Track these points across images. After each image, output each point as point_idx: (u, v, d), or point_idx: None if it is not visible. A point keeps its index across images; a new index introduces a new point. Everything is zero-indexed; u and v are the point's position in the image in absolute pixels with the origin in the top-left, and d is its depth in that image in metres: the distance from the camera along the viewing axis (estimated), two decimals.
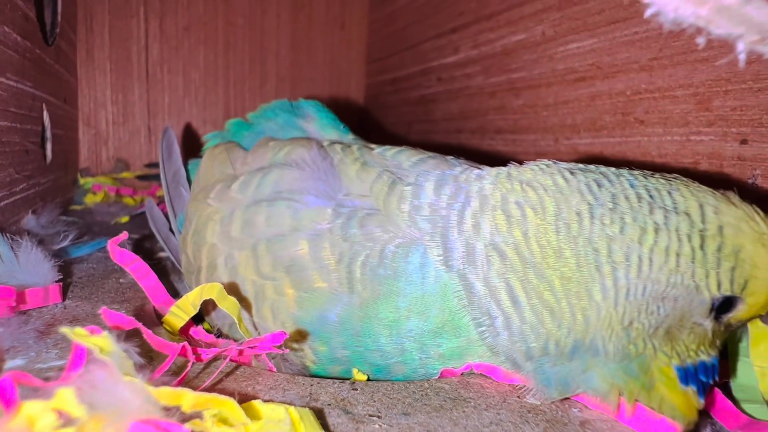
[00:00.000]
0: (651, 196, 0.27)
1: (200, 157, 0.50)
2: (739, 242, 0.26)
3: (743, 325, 0.31)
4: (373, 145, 0.40)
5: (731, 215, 0.26)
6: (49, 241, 0.51)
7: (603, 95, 0.55)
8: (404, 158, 0.36)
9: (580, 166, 0.30)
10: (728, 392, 0.31)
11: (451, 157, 0.37)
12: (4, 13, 0.49)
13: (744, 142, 0.42)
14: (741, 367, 0.31)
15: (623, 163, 0.36)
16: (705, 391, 0.27)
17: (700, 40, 0.20)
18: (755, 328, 0.31)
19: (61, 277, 0.40)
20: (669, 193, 0.27)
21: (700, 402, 0.27)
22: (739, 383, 0.31)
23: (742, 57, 0.21)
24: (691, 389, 0.27)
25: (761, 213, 0.27)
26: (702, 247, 0.26)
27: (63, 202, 0.74)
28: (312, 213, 0.34)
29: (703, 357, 0.27)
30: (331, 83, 1.11)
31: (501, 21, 0.70)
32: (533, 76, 0.65)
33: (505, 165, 0.33)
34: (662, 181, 0.28)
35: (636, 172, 0.29)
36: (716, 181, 0.44)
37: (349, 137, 0.47)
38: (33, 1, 0.60)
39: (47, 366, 0.29)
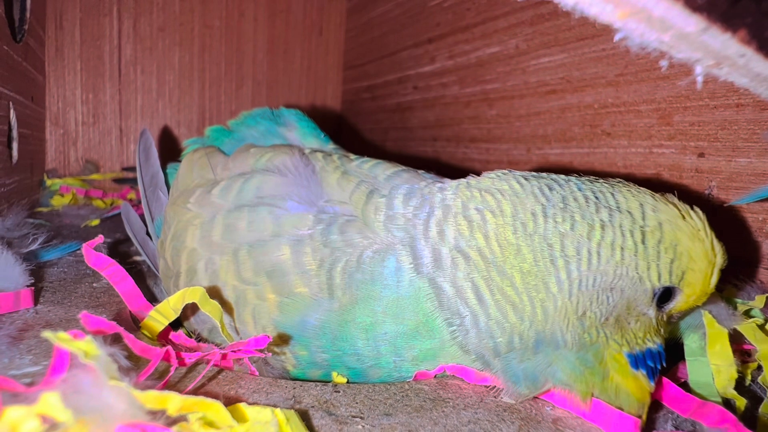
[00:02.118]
0: (597, 197, 0.30)
1: (179, 161, 0.50)
2: (677, 237, 0.28)
3: (684, 316, 0.33)
4: (352, 156, 0.41)
5: (669, 213, 0.29)
6: (16, 244, 0.49)
7: (572, 108, 0.57)
8: (380, 171, 0.38)
9: (533, 173, 0.33)
10: (687, 390, 0.33)
11: (423, 171, 0.39)
12: None
13: (701, 155, 0.45)
14: (698, 366, 0.33)
15: (591, 172, 0.38)
16: (654, 376, 0.30)
17: (663, 63, 0.22)
18: (711, 328, 0.33)
19: (33, 281, 0.39)
20: (612, 194, 0.30)
21: (651, 385, 0.29)
22: (696, 381, 0.33)
23: (699, 79, 0.23)
24: (641, 373, 0.29)
25: (698, 211, 0.30)
26: (643, 241, 0.28)
27: (29, 204, 0.72)
28: (294, 219, 0.35)
29: (650, 344, 0.30)
30: (308, 88, 1.11)
31: (476, 33, 0.72)
32: (507, 88, 0.67)
33: (478, 174, 0.35)
34: (606, 184, 0.31)
35: (583, 178, 0.32)
36: (676, 192, 0.47)
37: (330, 146, 0.48)
38: None
39: (21, 372, 0.28)
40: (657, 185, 0.48)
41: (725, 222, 0.43)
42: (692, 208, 0.30)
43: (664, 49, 0.22)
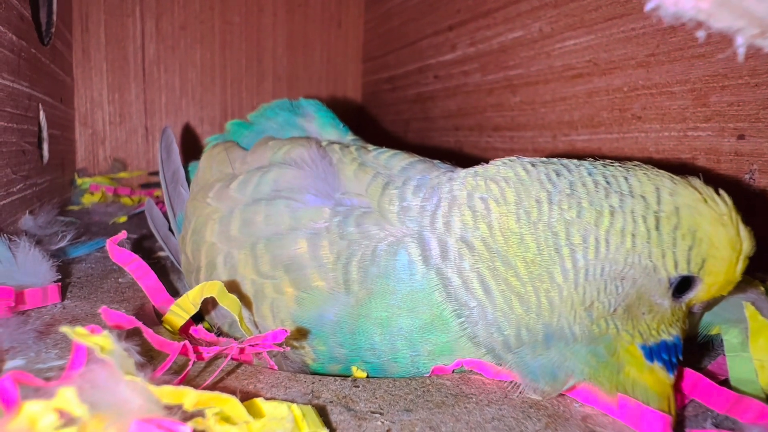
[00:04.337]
0: (608, 182, 0.28)
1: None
2: (696, 222, 0.26)
3: (707, 307, 0.31)
4: (370, 147, 0.40)
5: (688, 197, 0.27)
6: (46, 241, 0.51)
7: (600, 92, 0.55)
8: (396, 162, 0.37)
9: (543, 159, 0.31)
10: (729, 389, 0.31)
11: (438, 161, 0.38)
12: None
13: (741, 137, 0.42)
14: (739, 362, 0.31)
15: (621, 158, 0.36)
16: (672, 369, 0.28)
17: (701, 34, 0.20)
18: (754, 321, 0.31)
19: (60, 277, 0.40)
20: (625, 178, 0.28)
21: (670, 377, 0.27)
22: (737, 378, 0.31)
23: (741, 51, 0.21)
24: (657, 365, 0.27)
25: (724, 195, 0.28)
26: (657, 227, 0.26)
27: (60, 203, 0.74)
28: (310, 212, 0.34)
29: (665, 336, 0.28)
30: (328, 81, 1.11)
31: (498, 18, 0.70)
32: (530, 73, 0.65)
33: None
34: (620, 168, 0.29)
35: (597, 162, 0.30)
36: (713, 177, 0.44)
37: (349, 137, 0.47)
38: (28, 1, 0.59)
39: (47, 366, 0.29)
40: (693, 170, 0.45)
41: None
42: (717, 192, 0.28)
43: (701, 18, 0.20)
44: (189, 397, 0.22)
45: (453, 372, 0.31)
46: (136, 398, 0.20)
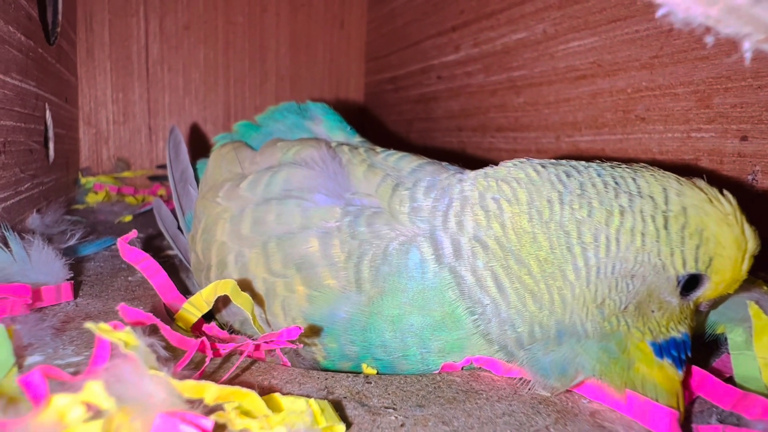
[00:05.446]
0: (616, 183, 0.29)
1: (208, 156, 0.51)
2: (703, 222, 0.27)
3: (715, 304, 0.32)
4: (378, 149, 0.41)
5: (694, 197, 0.28)
6: (55, 240, 0.51)
7: (604, 93, 0.56)
8: (405, 164, 0.38)
9: (552, 161, 0.32)
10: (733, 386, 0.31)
11: (446, 163, 0.39)
12: (9, 13, 0.49)
13: (744, 138, 0.43)
14: (744, 360, 0.32)
15: (624, 160, 0.37)
16: (681, 365, 0.28)
17: (709, 39, 0.21)
18: (758, 320, 0.31)
19: (72, 275, 0.40)
20: (633, 179, 0.29)
21: (679, 373, 0.28)
22: (742, 375, 0.32)
23: (747, 55, 0.22)
24: (667, 361, 0.28)
25: (729, 196, 0.29)
26: (666, 226, 0.27)
27: (66, 202, 0.74)
28: (321, 211, 0.35)
29: (674, 333, 0.29)
30: (330, 82, 1.11)
31: (502, 19, 0.71)
32: (534, 75, 0.66)
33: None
34: (628, 169, 0.30)
35: (604, 164, 0.31)
36: (716, 178, 0.45)
37: (356, 139, 0.48)
38: (36, 1, 0.60)
39: (65, 362, 0.29)
40: (696, 171, 0.46)
41: None
42: (722, 192, 0.29)
43: (710, 24, 0.20)
44: (210, 391, 0.22)
45: (462, 369, 0.32)
46: (159, 392, 0.21)
